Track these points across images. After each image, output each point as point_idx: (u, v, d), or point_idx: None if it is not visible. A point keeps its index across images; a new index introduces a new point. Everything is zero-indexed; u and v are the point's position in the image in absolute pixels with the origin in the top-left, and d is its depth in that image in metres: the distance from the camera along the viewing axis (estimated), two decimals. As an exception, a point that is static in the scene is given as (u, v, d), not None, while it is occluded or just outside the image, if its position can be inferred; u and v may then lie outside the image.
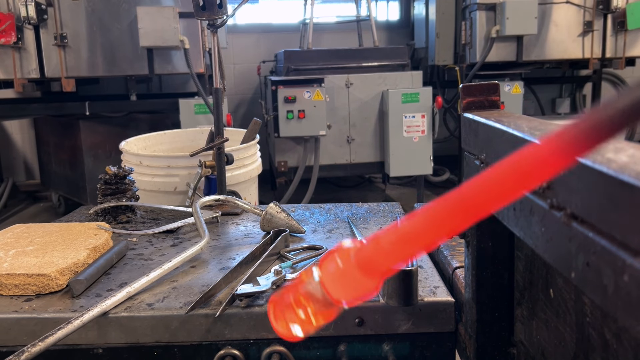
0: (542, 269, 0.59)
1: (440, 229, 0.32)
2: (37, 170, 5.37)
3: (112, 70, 3.96)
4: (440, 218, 0.32)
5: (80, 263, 0.97)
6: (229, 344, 0.85)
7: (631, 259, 0.30)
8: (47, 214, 4.83)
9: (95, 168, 4.13)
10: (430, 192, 5.05)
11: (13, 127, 5.47)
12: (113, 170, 1.36)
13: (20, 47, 3.79)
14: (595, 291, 0.35)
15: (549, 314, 0.57)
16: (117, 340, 0.85)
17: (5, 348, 0.84)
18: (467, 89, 0.70)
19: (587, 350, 0.48)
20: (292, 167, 4.23)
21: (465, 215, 0.31)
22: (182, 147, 2.22)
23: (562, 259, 0.40)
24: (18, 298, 0.90)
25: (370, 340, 0.85)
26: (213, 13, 1.35)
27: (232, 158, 1.56)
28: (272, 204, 1.21)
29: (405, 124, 4.11)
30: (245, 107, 5.75)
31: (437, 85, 5.08)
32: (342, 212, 1.37)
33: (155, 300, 0.88)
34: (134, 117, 4.36)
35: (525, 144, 0.46)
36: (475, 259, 0.70)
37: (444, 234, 0.33)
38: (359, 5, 4.86)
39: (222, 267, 1.02)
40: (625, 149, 0.36)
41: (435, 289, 0.89)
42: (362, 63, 4.32)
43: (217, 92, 1.46)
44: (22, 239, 1.08)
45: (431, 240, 0.33)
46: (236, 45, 5.64)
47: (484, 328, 0.73)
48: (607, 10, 4.21)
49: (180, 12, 3.76)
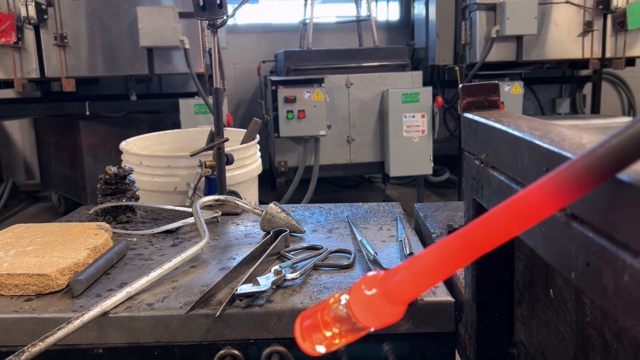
0: (542, 269, 0.59)
1: (453, 262, 0.38)
2: (37, 170, 5.38)
3: (112, 70, 3.96)
4: (452, 253, 0.38)
5: (81, 263, 0.97)
6: (229, 344, 0.85)
7: (631, 259, 0.30)
8: (47, 214, 4.83)
9: (95, 168, 4.13)
10: (430, 192, 5.05)
11: (13, 127, 5.47)
12: (113, 170, 1.36)
13: (20, 47, 3.79)
14: (595, 291, 0.35)
15: (549, 314, 0.57)
16: (117, 340, 0.85)
17: (5, 348, 0.84)
18: (467, 89, 0.70)
19: (587, 350, 0.48)
20: (292, 167, 4.23)
21: (472, 251, 0.37)
22: (182, 147, 2.22)
23: (562, 259, 0.40)
24: (18, 298, 0.90)
25: (370, 340, 0.85)
26: (213, 13, 1.35)
27: (232, 158, 1.56)
28: (272, 204, 1.21)
29: (405, 124, 4.11)
30: (245, 107, 5.76)
31: (437, 85, 5.08)
32: (342, 212, 1.37)
33: (155, 300, 0.88)
34: (134, 117, 4.36)
35: (526, 144, 0.46)
36: (475, 259, 0.70)
37: (456, 267, 0.38)
38: (359, 5, 4.86)
39: (222, 267, 1.02)
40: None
41: (435, 289, 0.89)
42: (362, 63, 4.32)
43: (217, 92, 1.46)
44: (22, 239, 1.08)
45: (446, 272, 0.38)
46: (236, 45, 5.64)
47: (484, 328, 0.73)
48: (607, 10, 4.21)
49: (180, 12, 3.76)
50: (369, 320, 0.40)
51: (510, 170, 0.52)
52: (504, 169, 0.54)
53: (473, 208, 0.68)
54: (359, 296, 0.41)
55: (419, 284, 0.38)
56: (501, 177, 0.54)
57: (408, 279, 0.38)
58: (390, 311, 0.39)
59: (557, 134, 0.45)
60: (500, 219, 0.35)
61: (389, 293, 0.39)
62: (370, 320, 0.40)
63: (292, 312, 0.84)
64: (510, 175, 0.52)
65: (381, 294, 0.39)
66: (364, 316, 0.40)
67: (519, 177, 0.49)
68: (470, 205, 0.69)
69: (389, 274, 0.39)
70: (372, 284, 0.40)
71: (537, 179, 0.44)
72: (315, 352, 0.43)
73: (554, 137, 0.44)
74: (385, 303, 0.39)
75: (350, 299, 0.41)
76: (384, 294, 0.39)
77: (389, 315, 0.39)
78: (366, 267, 0.99)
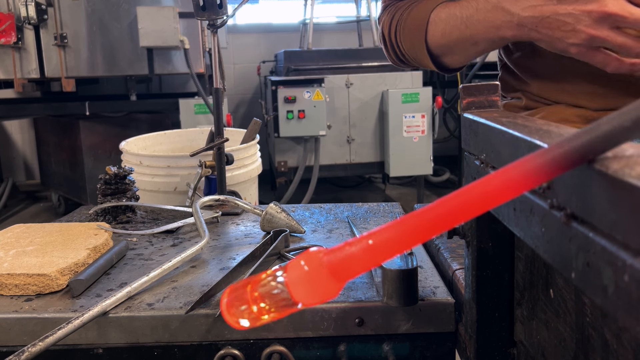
0: (542, 269, 0.59)
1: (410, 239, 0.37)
2: (37, 170, 5.37)
3: (112, 70, 3.96)
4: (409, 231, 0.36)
5: (81, 263, 0.97)
6: (229, 344, 0.85)
7: (631, 259, 0.30)
8: (47, 214, 4.83)
9: (95, 168, 4.13)
10: (430, 192, 5.05)
11: (13, 127, 5.47)
12: (113, 170, 1.36)
13: (20, 47, 3.79)
14: (595, 291, 0.35)
15: (549, 314, 0.57)
16: (117, 340, 0.85)
17: (5, 348, 0.84)
18: (467, 89, 0.70)
19: (587, 350, 0.48)
20: (292, 167, 4.23)
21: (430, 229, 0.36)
22: (182, 147, 2.22)
23: (562, 259, 0.40)
24: (18, 298, 0.90)
25: (370, 340, 0.85)
26: (213, 13, 1.35)
27: (232, 158, 1.56)
28: (272, 204, 1.21)
29: (405, 124, 4.11)
30: (245, 107, 5.76)
31: (437, 85, 5.07)
32: (342, 212, 1.37)
33: (155, 300, 0.88)
34: (134, 117, 4.36)
35: (526, 144, 0.46)
36: (475, 259, 0.70)
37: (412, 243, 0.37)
38: (359, 5, 4.86)
39: (222, 267, 1.02)
40: (625, 149, 0.36)
41: (435, 289, 0.89)
42: (362, 63, 4.32)
43: (217, 92, 1.46)
44: (22, 239, 1.08)
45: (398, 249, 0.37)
46: (236, 45, 5.64)
47: (484, 328, 0.73)
48: (607, 11, 4.20)
49: (180, 12, 3.76)
50: (306, 297, 0.40)
51: (510, 170, 0.52)
52: (504, 169, 0.54)
53: (473, 208, 0.68)
54: (298, 271, 0.40)
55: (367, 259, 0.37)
56: (501, 177, 0.54)
57: (358, 254, 0.37)
58: (330, 288, 0.39)
59: (557, 134, 0.45)
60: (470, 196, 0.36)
61: (334, 268, 0.38)
62: (307, 297, 0.40)
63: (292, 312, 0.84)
64: (510, 175, 0.52)
65: (325, 269, 0.38)
66: (300, 292, 0.40)
67: (519, 177, 0.49)
68: (470, 205, 0.69)
69: (334, 250, 0.39)
70: (314, 260, 0.39)
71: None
72: (239, 325, 0.43)
73: (554, 137, 0.44)
74: (327, 279, 0.38)
75: (288, 275, 0.40)
76: (329, 269, 0.38)
77: (328, 292, 0.39)
78: (366, 267, 0.99)
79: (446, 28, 1.01)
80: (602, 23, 0.78)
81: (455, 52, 1.05)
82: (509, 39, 0.94)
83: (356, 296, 0.86)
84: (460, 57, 1.07)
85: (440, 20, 1.02)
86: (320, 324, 0.84)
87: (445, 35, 1.02)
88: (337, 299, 0.85)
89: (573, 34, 0.81)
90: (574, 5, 0.80)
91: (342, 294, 0.87)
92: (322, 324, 0.84)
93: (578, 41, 0.82)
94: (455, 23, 0.99)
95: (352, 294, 0.87)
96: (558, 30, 0.82)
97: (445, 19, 1.01)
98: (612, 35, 0.79)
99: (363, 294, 0.87)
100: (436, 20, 1.03)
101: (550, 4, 0.83)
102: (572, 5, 0.80)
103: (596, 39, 0.80)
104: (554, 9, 0.82)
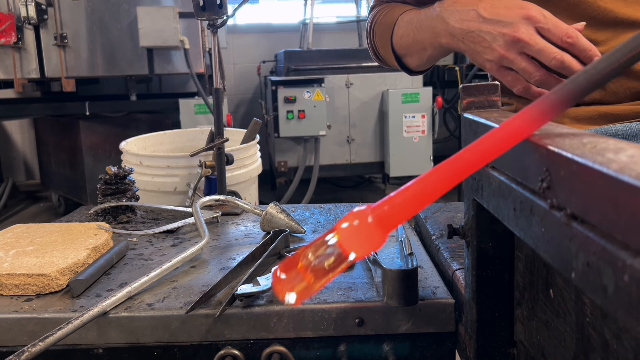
0: (542, 269, 0.59)
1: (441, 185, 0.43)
2: (37, 170, 5.38)
3: (112, 70, 3.96)
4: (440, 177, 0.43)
5: (81, 263, 0.97)
6: (229, 344, 0.85)
7: (631, 259, 0.30)
8: (47, 214, 4.83)
9: (95, 168, 4.13)
10: (430, 192, 5.04)
11: (13, 127, 5.47)
12: (113, 170, 1.36)
13: (20, 47, 3.79)
14: (596, 291, 0.35)
15: (549, 314, 0.57)
16: (117, 341, 0.85)
17: (5, 348, 0.84)
18: (467, 89, 0.70)
19: (587, 350, 0.48)
20: (292, 167, 4.23)
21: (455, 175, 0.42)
22: (182, 147, 2.22)
23: (562, 259, 0.40)
24: (18, 298, 0.90)
25: (370, 340, 0.85)
26: (213, 13, 1.35)
27: (232, 158, 1.56)
28: (272, 204, 1.21)
29: (405, 124, 4.11)
30: (245, 107, 5.76)
31: (437, 85, 5.08)
32: (342, 212, 1.37)
33: (155, 300, 0.88)
34: (134, 117, 4.36)
35: (525, 144, 0.46)
36: (475, 259, 0.70)
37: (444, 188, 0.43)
38: (359, 6, 4.86)
39: (222, 267, 1.02)
40: (626, 149, 0.36)
41: (435, 289, 0.89)
42: (362, 63, 4.32)
43: (217, 92, 1.46)
44: (22, 239, 1.08)
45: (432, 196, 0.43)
46: (236, 45, 5.65)
47: (484, 328, 0.73)
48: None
49: (180, 12, 3.76)
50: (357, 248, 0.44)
51: (510, 170, 0.52)
52: (504, 169, 0.54)
53: (473, 208, 0.68)
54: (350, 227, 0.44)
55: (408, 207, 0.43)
56: (501, 177, 0.54)
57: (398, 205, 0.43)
58: (378, 238, 0.43)
59: (557, 134, 0.45)
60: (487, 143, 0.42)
61: (380, 219, 0.43)
62: (359, 248, 0.44)
63: (292, 312, 0.84)
64: (510, 175, 0.52)
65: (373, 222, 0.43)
66: (352, 245, 0.43)
67: (519, 177, 0.49)
68: (470, 206, 0.69)
69: (379, 205, 0.43)
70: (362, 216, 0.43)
71: (537, 179, 0.44)
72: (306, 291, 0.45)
73: (554, 136, 0.44)
74: (375, 230, 0.43)
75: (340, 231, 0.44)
76: (376, 221, 0.43)
77: (377, 242, 0.43)
78: (366, 267, 0.99)
79: (405, 31, 1.10)
80: (512, 46, 0.87)
81: (412, 54, 1.13)
82: (445, 46, 1.02)
83: (356, 296, 0.86)
84: (417, 60, 1.14)
85: (403, 23, 1.11)
86: (320, 324, 0.84)
87: (403, 38, 1.11)
88: (337, 299, 0.85)
89: (489, 50, 0.90)
90: (494, 26, 0.89)
91: (342, 294, 0.87)
92: (322, 324, 0.84)
93: (492, 58, 0.90)
94: (410, 27, 1.08)
95: (352, 294, 0.87)
96: (479, 45, 0.92)
97: (405, 23, 1.10)
98: (519, 58, 0.87)
99: (363, 294, 0.87)
100: (400, 24, 1.12)
101: (477, 21, 0.91)
102: (493, 25, 0.89)
103: (505, 59, 0.89)
104: (478, 26, 0.91)
